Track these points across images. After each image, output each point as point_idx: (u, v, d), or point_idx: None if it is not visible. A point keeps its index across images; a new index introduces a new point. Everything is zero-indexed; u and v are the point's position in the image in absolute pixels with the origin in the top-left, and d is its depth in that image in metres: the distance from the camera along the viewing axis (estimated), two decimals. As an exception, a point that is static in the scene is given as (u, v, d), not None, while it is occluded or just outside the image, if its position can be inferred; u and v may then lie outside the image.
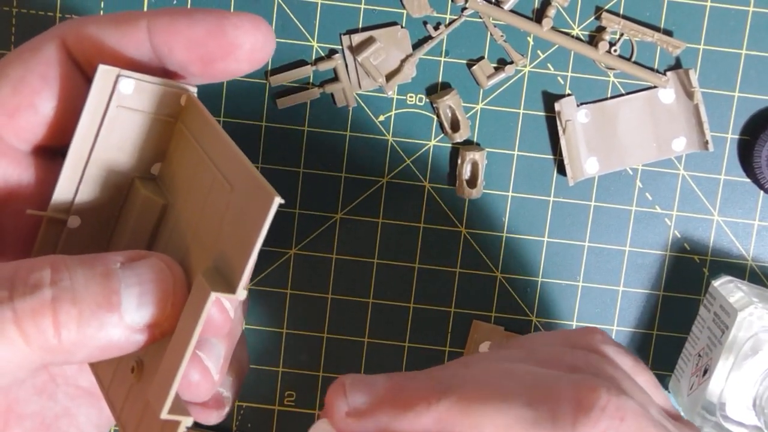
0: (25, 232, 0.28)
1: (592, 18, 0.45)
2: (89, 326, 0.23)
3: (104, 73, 0.25)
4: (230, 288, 0.24)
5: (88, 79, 0.27)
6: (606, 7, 0.45)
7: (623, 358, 0.31)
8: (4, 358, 0.23)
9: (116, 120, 0.26)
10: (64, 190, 0.27)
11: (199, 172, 0.27)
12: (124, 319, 0.24)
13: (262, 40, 0.27)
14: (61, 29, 0.27)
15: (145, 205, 0.28)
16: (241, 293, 0.24)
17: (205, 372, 0.29)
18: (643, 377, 0.31)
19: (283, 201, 0.23)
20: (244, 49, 0.27)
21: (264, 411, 0.47)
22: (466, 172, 0.45)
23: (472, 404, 0.26)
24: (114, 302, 0.24)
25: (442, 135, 0.46)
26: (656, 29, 0.45)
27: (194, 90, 0.27)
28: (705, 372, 0.42)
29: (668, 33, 0.45)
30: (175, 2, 0.45)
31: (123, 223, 0.28)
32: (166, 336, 0.25)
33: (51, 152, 0.28)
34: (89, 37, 0.27)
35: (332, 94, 0.45)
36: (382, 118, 0.46)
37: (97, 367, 0.28)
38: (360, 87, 0.45)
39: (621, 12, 0.45)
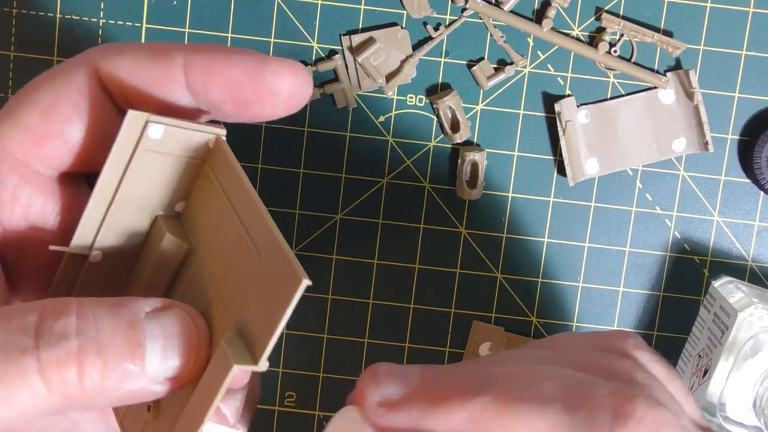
0: (46, 259, 0.28)
1: (592, 19, 0.45)
2: (113, 377, 0.23)
3: (133, 119, 0.25)
4: (253, 360, 0.24)
5: (119, 109, 0.27)
6: (606, 8, 0.45)
7: (656, 366, 0.30)
8: (24, 405, 0.23)
9: (143, 161, 0.26)
10: (87, 226, 0.27)
11: (224, 225, 0.27)
12: (147, 371, 0.24)
13: (299, 88, 0.26)
14: (95, 57, 0.26)
15: (169, 246, 0.28)
16: (263, 364, 0.24)
17: (222, 418, 0.29)
18: (675, 385, 0.30)
19: (310, 283, 0.24)
20: (282, 96, 0.26)
21: (264, 411, 0.47)
22: (466, 172, 0.45)
23: (508, 405, 0.25)
24: (138, 354, 0.24)
25: (442, 136, 0.46)
26: (656, 30, 0.45)
27: (223, 133, 0.27)
28: (705, 372, 0.42)
29: (668, 34, 0.45)
30: (175, 2, 0.45)
31: (144, 260, 0.28)
32: (187, 386, 0.25)
33: (76, 177, 0.28)
34: (123, 68, 0.26)
35: (332, 95, 0.45)
36: (382, 118, 0.46)
37: None
38: (360, 88, 0.45)
39: (621, 13, 0.45)
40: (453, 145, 0.46)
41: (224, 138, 0.27)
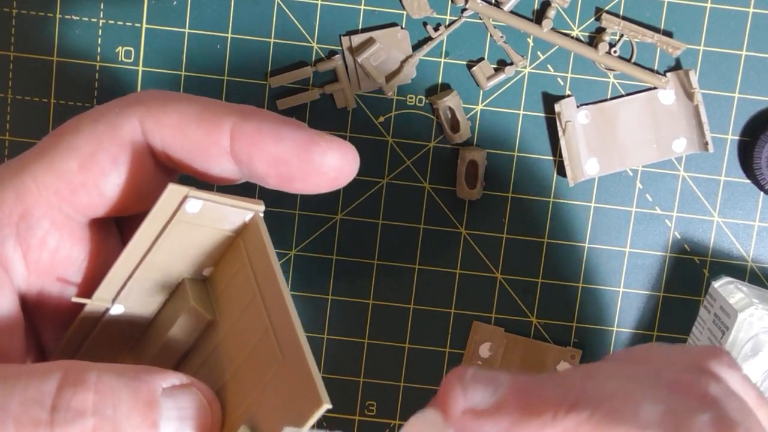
0: (66, 306, 0.27)
1: (592, 19, 0.45)
2: None
3: (172, 192, 0.25)
4: None
5: (157, 164, 0.27)
6: (606, 8, 0.45)
7: (749, 390, 0.29)
8: None
9: (176, 231, 0.26)
10: (111, 283, 0.26)
11: (250, 310, 0.27)
12: None
13: (348, 169, 0.26)
14: (141, 111, 0.26)
15: (192, 315, 0.27)
16: None
17: None
18: (763, 412, 0.30)
19: (330, 406, 0.24)
20: (328, 176, 0.26)
21: None
22: (466, 173, 0.45)
23: (605, 424, 0.24)
24: None
25: (442, 136, 0.46)
26: (656, 30, 0.45)
27: (262, 210, 0.27)
28: (705, 373, 0.42)
29: (668, 34, 0.45)
30: (175, 3, 0.45)
31: (163, 323, 0.28)
32: None
33: (105, 221, 0.28)
34: (169, 127, 0.26)
35: (332, 95, 0.45)
36: (382, 119, 0.46)
37: None
38: (360, 88, 0.45)
39: (621, 13, 0.45)
40: (453, 145, 0.46)
41: (262, 215, 0.26)
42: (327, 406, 0.23)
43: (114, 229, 0.28)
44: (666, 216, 0.46)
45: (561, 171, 0.46)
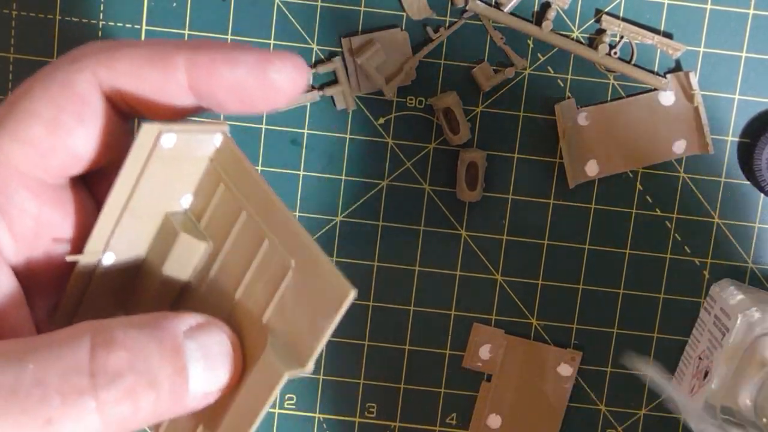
0: (56, 268, 0.28)
1: (592, 21, 0.45)
2: (163, 405, 0.24)
3: (147, 132, 0.25)
4: (300, 365, 0.26)
5: (119, 112, 0.27)
6: (606, 10, 0.45)
7: None
8: (74, 428, 0.23)
9: (154, 169, 0.26)
10: (99, 235, 0.27)
11: (244, 228, 0.27)
12: (189, 392, 0.25)
13: (301, 80, 0.27)
14: (91, 64, 0.26)
15: (183, 245, 0.28)
16: (310, 367, 0.26)
17: None
18: None
19: (356, 292, 0.25)
20: (286, 92, 0.27)
21: (265, 414, 0.47)
22: (466, 174, 0.45)
23: None
24: (183, 377, 0.25)
25: (442, 138, 0.46)
26: (656, 32, 0.45)
27: (227, 129, 0.27)
28: (705, 374, 0.42)
29: (668, 35, 0.45)
30: (174, 4, 0.45)
31: (155, 261, 0.28)
32: (226, 395, 0.27)
33: (76, 179, 0.28)
34: (123, 75, 0.26)
35: (332, 97, 0.45)
36: (382, 120, 0.46)
37: None
38: (360, 90, 0.45)
39: (621, 14, 0.45)
40: (453, 147, 0.46)
41: (229, 134, 0.27)
42: (354, 292, 0.25)
43: (80, 184, 0.29)
44: (666, 217, 0.46)
45: (561, 173, 0.46)
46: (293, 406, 0.47)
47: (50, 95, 0.26)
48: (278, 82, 0.26)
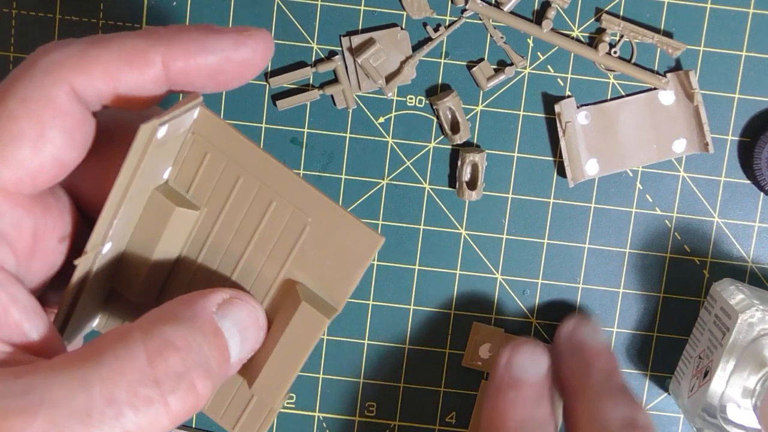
0: (51, 267, 0.28)
1: (592, 20, 0.45)
2: (216, 385, 0.26)
3: (145, 131, 0.25)
4: (335, 311, 0.27)
5: (93, 112, 0.27)
6: (606, 9, 0.45)
7: None
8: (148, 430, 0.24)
9: (149, 159, 0.26)
10: (100, 230, 0.27)
11: (242, 191, 0.28)
12: (231, 364, 0.27)
13: (270, 54, 0.28)
14: (67, 73, 0.26)
15: (178, 217, 0.28)
16: (341, 307, 0.28)
17: None
18: None
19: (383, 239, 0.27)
20: (259, 67, 0.28)
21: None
22: (466, 173, 0.45)
23: None
24: (226, 355, 0.27)
25: (442, 137, 0.46)
26: (656, 31, 0.45)
27: (202, 99, 0.28)
28: (705, 374, 0.42)
29: (668, 34, 0.45)
30: (174, 3, 0.45)
31: (146, 233, 0.28)
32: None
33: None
34: (100, 81, 0.26)
35: (332, 96, 0.45)
36: (381, 119, 0.46)
37: None
38: (360, 89, 0.45)
39: (621, 13, 0.45)
40: (453, 146, 0.46)
41: (203, 104, 0.28)
42: (383, 239, 0.26)
43: (59, 187, 0.29)
44: (666, 217, 0.46)
45: (561, 172, 0.46)
46: (293, 405, 0.47)
47: (32, 112, 0.25)
48: (252, 61, 0.27)
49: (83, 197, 0.29)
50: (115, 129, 0.29)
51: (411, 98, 0.45)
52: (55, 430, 0.22)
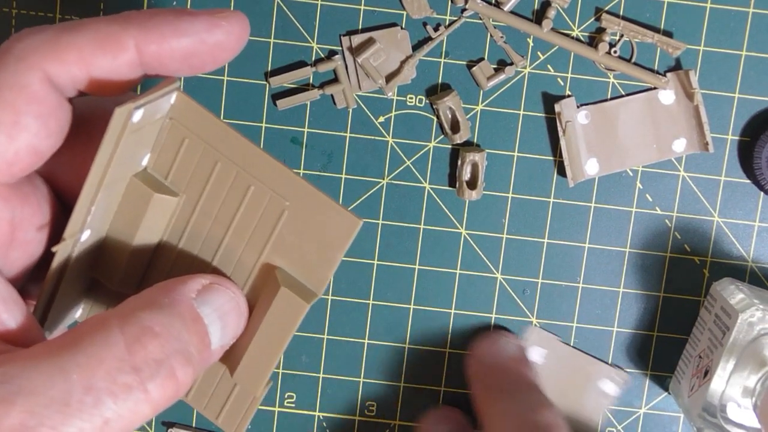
0: (30, 256, 0.28)
1: (592, 19, 0.45)
2: (196, 372, 0.26)
3: (120, 114, 0.25)
4: (315, 295, 0.27)
5: (67, 98, 0.27)
6: (606, 9, 0.45)
7: None
8: (132, 425, 0.24)
9: (123, 144, 0.26)
10: (78, 217, 0.27)
11: (220, 176, 0.27)
12: (212, 350, 0.27)
13: (245, 37, 0.28)
14: (40, 60, 0.25)
15: (157, 204, 0.28)
16: (321, 292, 0.28)
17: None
18: None
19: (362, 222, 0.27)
20: (234, 50, 0.27)
21: (264, 412, 0.47)
22: (466, 173, 0.45)
23: None
24: (207, 342, 0.26)
25: (442, 136, 0.46)
26: (656, 30, 0.45)
27: (179, 84, 0.28)
28: (706, 373, 0.42)
29: (668, 34, 0.45)
30: (174, 3, 0.45)
31: (125, 221, 0.28)
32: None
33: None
34: (74, 67, 0.26)
35: (332, 96, 0.45)
36: (381, 119, 0.46)
37: None
38: (360, 88, 0.45)
39: (621, 13, 0.45)
40: (453, 145, 0.46)
41: (182, 89, 0.28)
42: (361, 221, 0.26)
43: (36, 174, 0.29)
44: (666, 216, 0.46)
45: (561, 171, 0.46)
46: (293, 404, 0.47)
47: (5, 100, 0.25)
48: (226, 44, 0.27)
49: (62, 186, 0.29)
50: (92, 116, 0.28)
51: (411, 98, 0.45)
52: (32, 419, 0.22)
